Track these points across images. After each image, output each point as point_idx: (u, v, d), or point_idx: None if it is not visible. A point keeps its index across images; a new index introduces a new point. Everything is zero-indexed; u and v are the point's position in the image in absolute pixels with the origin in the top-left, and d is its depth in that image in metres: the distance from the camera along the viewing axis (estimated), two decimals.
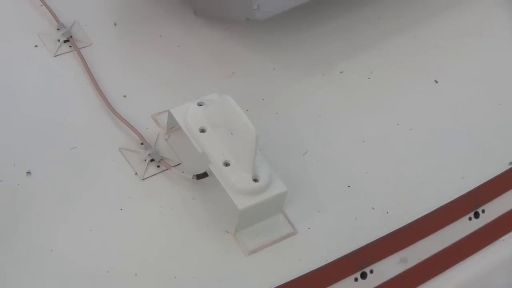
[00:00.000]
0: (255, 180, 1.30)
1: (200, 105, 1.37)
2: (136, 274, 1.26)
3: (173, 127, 1.41)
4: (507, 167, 1.34)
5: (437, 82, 1.56)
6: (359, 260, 1.24)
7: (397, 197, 1.35)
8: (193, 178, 1.37)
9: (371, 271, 1.23)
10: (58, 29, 1.62)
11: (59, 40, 1.61)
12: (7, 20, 1.66)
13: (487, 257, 1.29)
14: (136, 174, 1.40)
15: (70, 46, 1.60)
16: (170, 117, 1.39)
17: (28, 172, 1.38)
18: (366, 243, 1.25)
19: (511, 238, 1.31)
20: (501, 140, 1.40)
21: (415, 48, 1.61)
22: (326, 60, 1.59)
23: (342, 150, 1.45)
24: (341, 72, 1.57)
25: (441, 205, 1.29)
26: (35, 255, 1.27)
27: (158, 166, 1.41)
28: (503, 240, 1.30)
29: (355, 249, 1.25)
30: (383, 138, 1.48)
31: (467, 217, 1.28)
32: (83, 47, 1.60)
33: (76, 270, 1.26)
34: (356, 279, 1.23)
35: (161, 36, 1.64)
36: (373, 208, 1.35)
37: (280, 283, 1.21)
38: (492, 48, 1.62)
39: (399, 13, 1.67)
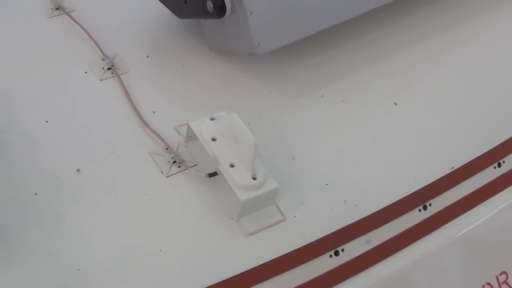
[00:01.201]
0: (254, 178, 1.30)
1: (212, 119, 1.39)
2: (160, 250, 1.27)
3: (191, 136, 1.42)
4: (449, 170, 1.34)
5: (396, 104, 1.56)
6: (333, 241, 1.24)
7: (364, 193, 1.35)
8: (206, 176, 1.38)
9: (343, 250, 1.24)
10: (103, 59, 1.63)
11: (103, 68, 1.62)
12: (64, 52, 1.67)
13: (433, 240, 1.29)
14: (161, 172, 1.40)
15: (112, 73, 1.61)
16: (189, 128, 1.40)
17: (78, 170, 1.39)
18: (339, 228, 1.26)
19: (452, 226, 1.31)
20: (445, 150, 1.41)
21: (379, 77, 1.61)
22: (311, 86, 1.60)
23: (322, 156, 1.46)
24: (322, 96, 1.58)
25: (398, 199, 1.29)
26: (82, 234, 1.28)
27: (179, 167, 1.42)
28: (445, 227, 1.30)
29: (330, 232, 1.26)
30: (354, 147, 1.48)
31: (417, 209, 1.29)
32: (122, 74, 1.61)
33: (114, 246, 1.27)
34: (330, 256, 1.23)
35: (182, 66, 1.65)
36: (345, 201, 1.35)
37: (272, 258, 1.22)
38: (439, 78, 1.63)
39: (367, 50, 1.68)
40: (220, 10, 1.51)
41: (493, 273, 1.33)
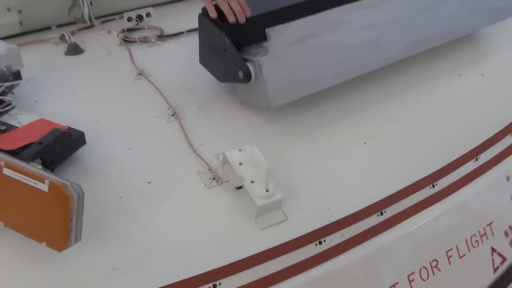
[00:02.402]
0: (267, 191, 1.32)
1: (240, 150, 1.41)
2: (202, 238, 1.29)
3: (226, 161, 1.42)
4: (400, 188, 1.34)
5: (365, 143, 1.56)
6: (319, 234, 1.25)
7: (341, 203, 1.36)
8: (235, 188, 1.39)
9: (325, 241, 1.24)
10: (168, 109, 1.66)
11: (169, 114, 1.64)
12: (143, 102, 1.70)
13: (387, 236, 1.29)
14: (205, 185, 1.42)
15: (174, 118, 1.63)
16: (224, 156, 1.42)
17: (149, 182, 1.42)
18: (323, 225, 1.27)
19: (400, 226, 1.31)
20: (397, 174, 1.41)
21: (355, 125, 1.62)
22: (308, 129, 1.60)
23: (313, 177, 1.47)
24: (315, 137, 1.59)
25: (364, 207, 1.30)
26: (150, 225, 1.31)
27: (217, 182, 1.43)
28: (395, 227, 1.30)
29: (316, 228, 1.27)
30: (335, 172, 1.49)
31: (376, 214, 1.29)
32: (181, 119, 1.63)
33: (171, 234, 1.30)
34: (316, 244, 1.24)
35: (222, 114, 1.67)
36: (328, 208, 1.36)
37: (278, 244, 1.24)
38: (395, 126, 1.64)
39: (346, 105, 1.69)
40: (247, 77, 1.54)
41: (428, 259, 1.33)
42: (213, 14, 1.60)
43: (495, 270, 1.39)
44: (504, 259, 1.41)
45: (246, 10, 1.61)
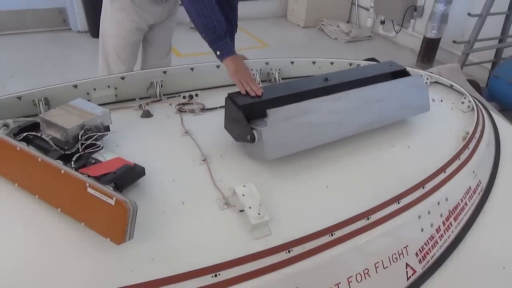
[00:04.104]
0: (259, 214, 1.32)
1: (244, 186, 1.41)
2: (214, 242, 1.29)
3: (234, 193, 1.41)
4: (346, 218, 1.31)
5: (327, 187, 1.55)
6: (289, 245, 1.22)
7: (307, 225, 1.31)
8: (238, 211, 1.40)
9: (292, 250, 1.21)
10: (201, 156, 1.66)
11: (201, 159, 1.65)
12: (185, 151, 1.70)
13: (334, 251, 1.25)
14: (219, 208, 1.42)
15: (204, 162, 1.63)
16: (233, 190, 1.41)
17: (183, 202, 1.43)
18: (292, 240, 1.24)
19: (344, 245, 1.26)
20: (345, 208, 1.37)
21: (321, 174, 1.60)
22: (289, 175, 1.58)
23: (291, 208, 1.45)
24: (294, 180, 1.57)
25: (320, 229, 1.26)
26: (179, 232, 1.31)
27: (227, 206, 1.43)
28: (341, 245, 1.25)
29: (288, 241, 1.23)
30: (305, 205, 1.47)
31: (328, 235, 1.25)
32: (209, 163, 1.63)
33: (192, 240, 1.30)
34: (286, 252, 1.21)
35: (234, 161, 1.66)
36: (299, 229, 1.32)
37: (265, 249, 1.21)
38: (351, 177, 1.61)
39: (316, 161, 1.67)
40: (253, 139, 1.57)
41: (361, 268, 1.27)
42: (243, 91, 1.71)
43: (408, 278, 1.35)
44: (414, 271, 1.37)
45: (261, 91, 1.71)
